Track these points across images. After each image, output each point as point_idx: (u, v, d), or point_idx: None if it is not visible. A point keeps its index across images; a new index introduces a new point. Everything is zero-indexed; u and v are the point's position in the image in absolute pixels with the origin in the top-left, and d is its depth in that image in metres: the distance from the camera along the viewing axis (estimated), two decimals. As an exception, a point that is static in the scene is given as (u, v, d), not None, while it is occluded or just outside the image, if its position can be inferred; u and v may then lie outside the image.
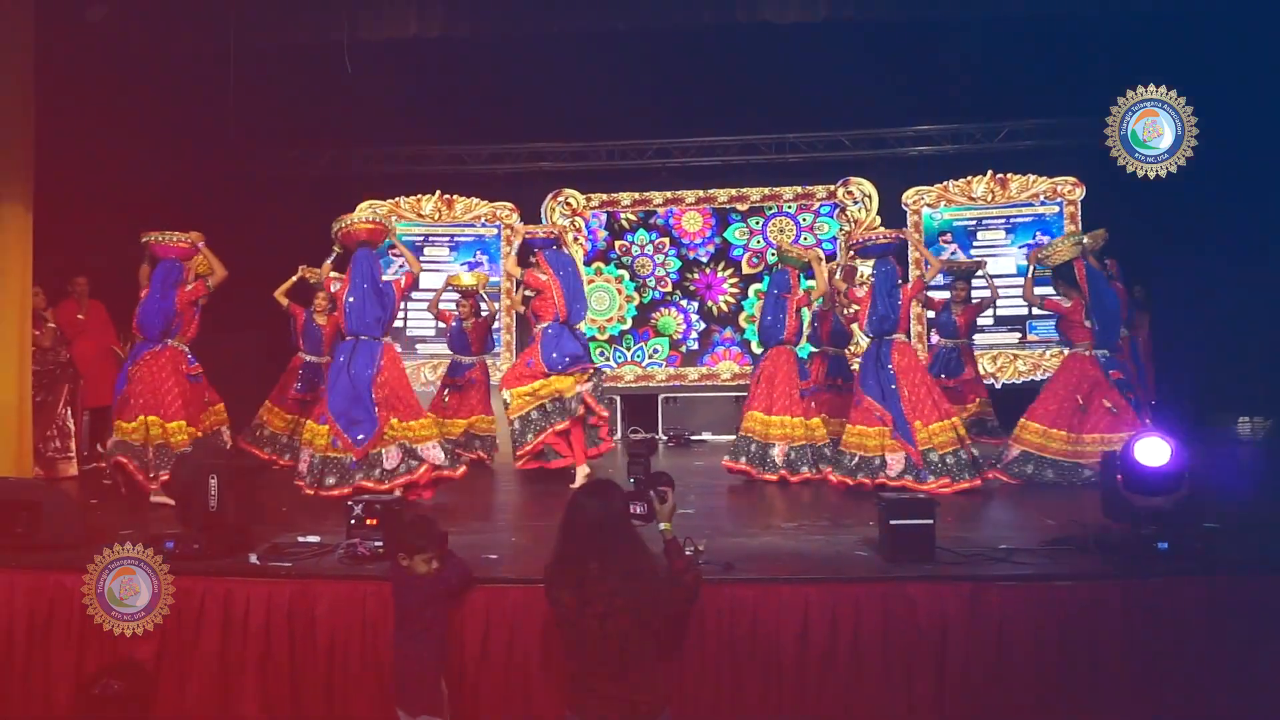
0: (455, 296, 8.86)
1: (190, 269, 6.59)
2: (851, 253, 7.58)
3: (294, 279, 8.33)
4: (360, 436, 5.77)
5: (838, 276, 7.93)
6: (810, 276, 7.57)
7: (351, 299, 6.01)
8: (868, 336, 6.84)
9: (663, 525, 3.40)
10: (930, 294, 8.81)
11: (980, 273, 9.02)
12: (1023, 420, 6.87)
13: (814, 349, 8.75)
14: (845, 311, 8.34)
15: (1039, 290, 7.53)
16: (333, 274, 6.44)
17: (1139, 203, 6.47)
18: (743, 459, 7.14)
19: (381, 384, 5.89)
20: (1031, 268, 7.34)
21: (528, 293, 7.32)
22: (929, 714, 3.71)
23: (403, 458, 5.82)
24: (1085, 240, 6.96)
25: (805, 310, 7.56)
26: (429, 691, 3.61)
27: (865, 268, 8.10)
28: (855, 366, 8.15)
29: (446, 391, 8.49)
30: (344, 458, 5.79)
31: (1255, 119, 8.09)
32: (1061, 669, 3.70)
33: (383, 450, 5.78)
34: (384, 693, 3.85)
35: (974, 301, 8.92)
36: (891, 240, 7.02)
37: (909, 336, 6.87)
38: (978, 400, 8.64)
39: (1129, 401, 6.63)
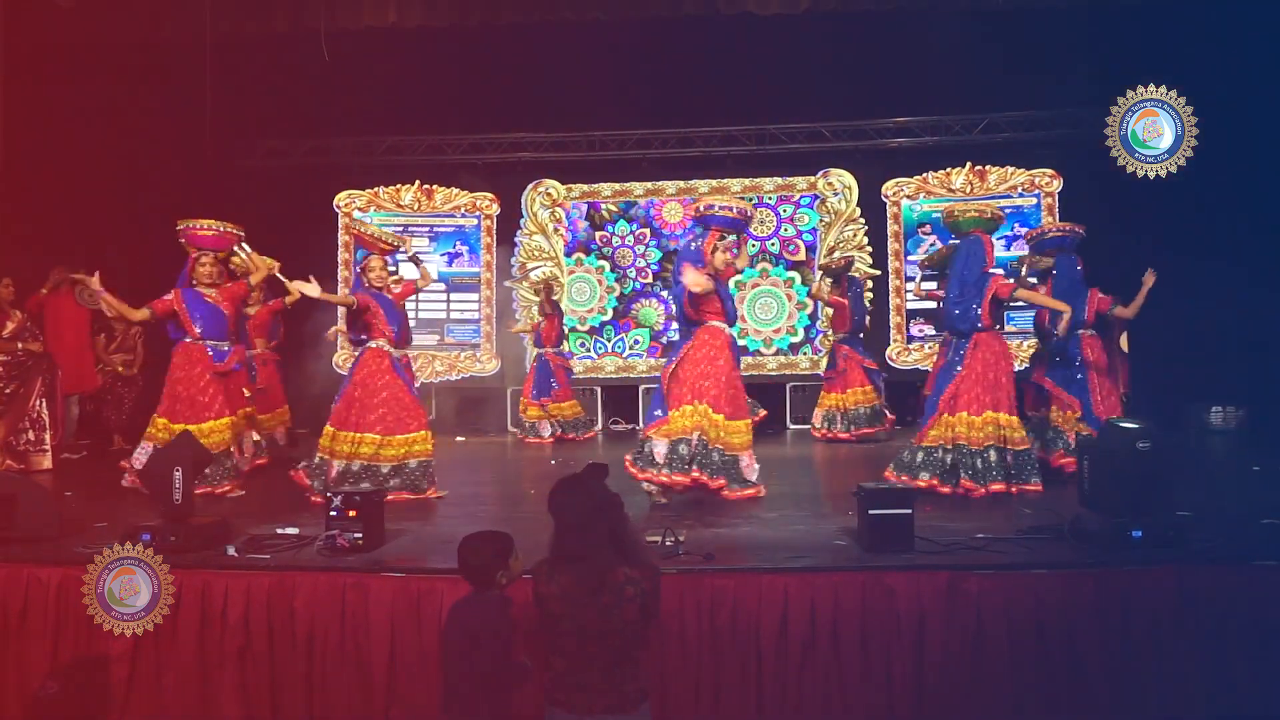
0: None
1: (210, 263, 6.16)
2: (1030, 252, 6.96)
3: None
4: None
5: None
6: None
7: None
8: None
9: None
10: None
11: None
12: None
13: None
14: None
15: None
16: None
17: (1115, 195, 6.51)
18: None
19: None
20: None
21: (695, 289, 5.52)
22: (907, 701, 3.74)
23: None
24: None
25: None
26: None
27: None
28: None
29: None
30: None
31: (1228, 113, 8.17)
32: (1039, 656, 3.74)
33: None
34: (364, 684, 3.85)
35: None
36: (1070, 233, 6.63)
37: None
38: None
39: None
